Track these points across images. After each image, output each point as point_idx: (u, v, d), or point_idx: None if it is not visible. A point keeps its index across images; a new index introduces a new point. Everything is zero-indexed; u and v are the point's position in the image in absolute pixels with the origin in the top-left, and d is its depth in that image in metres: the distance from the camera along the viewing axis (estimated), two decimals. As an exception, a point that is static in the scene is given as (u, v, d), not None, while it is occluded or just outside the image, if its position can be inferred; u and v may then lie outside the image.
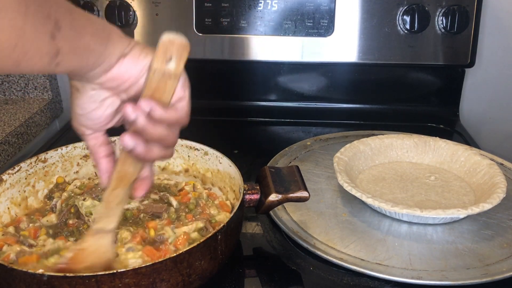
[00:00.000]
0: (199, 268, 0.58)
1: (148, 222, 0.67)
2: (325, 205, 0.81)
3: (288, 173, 0.71)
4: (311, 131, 1.14)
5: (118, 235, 0.64)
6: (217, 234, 0.59)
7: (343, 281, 0.66)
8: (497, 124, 1.28)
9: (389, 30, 1.10)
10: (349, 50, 1.12)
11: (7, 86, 1.23)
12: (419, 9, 1.06)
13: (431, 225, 0.76)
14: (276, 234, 0.75)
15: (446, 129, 1.16)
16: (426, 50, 1.11)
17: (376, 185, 0.85)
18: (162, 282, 0.55)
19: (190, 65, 1.16)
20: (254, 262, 0.71)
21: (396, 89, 1.20)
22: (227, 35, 1.11)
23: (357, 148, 0.90)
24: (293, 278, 0.67)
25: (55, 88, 1.26)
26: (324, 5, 1.09)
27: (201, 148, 0.80)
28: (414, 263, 0.68)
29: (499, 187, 0.76)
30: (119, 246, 0.62)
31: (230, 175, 0.75)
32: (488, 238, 0.73)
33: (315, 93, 1.21)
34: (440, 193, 0.82)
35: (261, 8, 1.09)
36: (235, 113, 1.21)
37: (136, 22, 1.11)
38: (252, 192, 0.69)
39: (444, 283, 0.64)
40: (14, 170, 0.72)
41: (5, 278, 0.54)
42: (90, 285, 0.51)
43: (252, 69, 1.20)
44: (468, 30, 1.09)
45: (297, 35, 1.11)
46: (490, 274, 0.65)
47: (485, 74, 1.22)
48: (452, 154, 0.90)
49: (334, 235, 0.73)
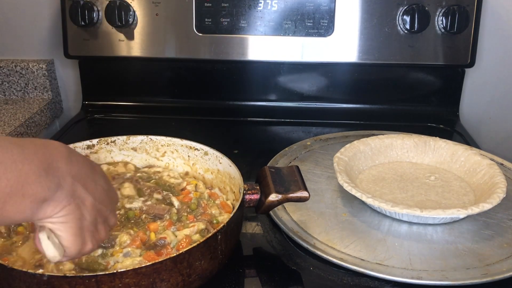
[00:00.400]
0: (199, 268, 0.58)
1: (149, 223, 0.67)
2: (325, 205, 0.81)
3: (288, 173, 0.71)
4: (311, 131, 1.14)
5: (117, 239, 0.63)
6: (217, 234, 0.59)
7: (343, 281, 0.66)
8: (497, 124, 1.28)
9: (389, 30, 1.10)
10: (349, 50, 1.12)
11: (7, 86, 1.23)
12: (419, 9, 1.06)
13: (431, 225, 0.76)
14: (276, 234, 0.75)
15: (446, 129, 1.16)
16: (426, 50, 1.11)
17: (376, 185, 0.85)
18: (162, 282, 0.55)
19: (190, 65, 1.17)
20: (254, 262, 0.71)
21: (396, 89, 1.20)
22: (227, 35, 1.11)
23: (357, 148, 0.90)
24: (293, 278, 0.67)
25: (55, 88, 1.26)
26: (324, 5, 1.09)
27: (201, 148, 0.80)
28: (414, 263, 0.67)
29: (499, 187, 0.76)
30: (117, 250, 0.62)
31: (230, 175, 0.75)
32: (488, 238, 0.73)
33: (315, 93, 1.21)
34: (440, 193, 0.82)
35: (261, 8, 1.09)
36: (235, 113, 1.21)
37: (136, 22, 1.11)
38: (252, 192, 0.69)
39: (444, 283, 0.64)
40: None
41: (5, 278, 0.54)
42: (90, 285, 0.51)
43: (252, 69, 1.20)
44: (468, 30, 1.09)
45: (297, 35, 1.11)
46: (490, 274, 0.65)
47: (485, 74, 1.22)
48: (452, 154, 0.90)
49: (334, 235, 0.73)
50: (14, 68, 1.21)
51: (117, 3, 1.08)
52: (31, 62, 1.22)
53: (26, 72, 1.21)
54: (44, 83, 1.23)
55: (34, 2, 1.20)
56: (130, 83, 1.22)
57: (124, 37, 1.13)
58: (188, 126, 1.14)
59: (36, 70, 1.21)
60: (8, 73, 1.21)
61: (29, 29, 1.22)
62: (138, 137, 0.83)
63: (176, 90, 1.23)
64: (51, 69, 1.24)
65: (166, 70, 1.21)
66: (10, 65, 1.21)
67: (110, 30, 1.12)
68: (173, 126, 1.14)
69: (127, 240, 0.63)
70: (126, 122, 1.20)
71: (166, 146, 0.83)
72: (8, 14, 1.21)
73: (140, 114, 1.21)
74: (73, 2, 1.09)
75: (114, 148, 0.82)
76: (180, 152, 0.82)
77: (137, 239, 0.64)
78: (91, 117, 1.19)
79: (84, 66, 1.20)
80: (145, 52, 1.14)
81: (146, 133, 0.83)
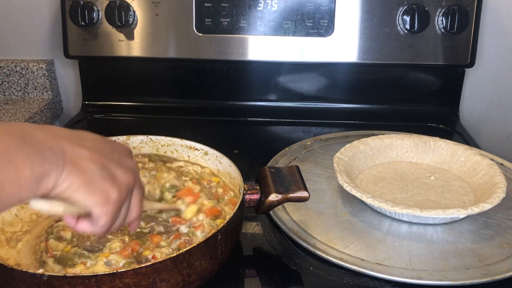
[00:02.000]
0: (199, 268, 0.58)
1: (153, 235, 0.64)
2: (325, 205, 0.81)
3: (288, 173, 0.71)
4: (311, 131, 1.14)
5: (108, 243, 0.62)
6: (217, 234, 0.59)
7: (343, 281, 0.66)
8: (497, 124, 1.28)
9: (389, 30, 1.10)
10: (349, 50, 1.12)
11: (7, 86, 1.23)
12: (419, 9, 1.06)
13: (431, 225, 0.76)
14: (276, 234, 0.75)
15: (446, 129, 1.16)
16: (426, 50, 1.11)
17: (376, 185, 0.85)
18: (162, 282, 0.55)
19: (190, 65, 1.17)
20: (254, 262, 0.71)
21: (396, 89, 1.20)
22: (227, 35, 1.11)
23: (357, 148, 0.90)
24: (293, 278, 0.67)
25: (55, 88, 1.26)
26: (324, 5, 1.09)
27: (201, 148, 0.80)
28: (414, 263, 0.67)
29: (499, 187, 0.76)
30: (103, 254, 0.60)
31: (230, 175, 0.75)
32: (488, 238, 0.73)
33: (315, 93, 1.21)
34: (440, 193, 0.82)
35: (261, 8, 1.09)
36: (235, 113, 1.21)
37: (136, 22, 1.11)
38: (252, 192, 0.69)
39: (444, 283, 0.64)
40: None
41: (5, 278, 0.54)
42: (90, 285, 0.51)
43: (252, 69, 1.20)
44: (468, 30, 1.09)
45: (297, 35, 1.11)
46: (490, 274, 0.65)
47: (485, 74, 1.22)
48: (452, 154, 0.90)
49: (334, 235, 0.73)
50: (14, 68, 1.21)
51: (117, 3, 1.08)
52: (31, 62, 1.22)
53: (26, 72, 1.21)
54: (44, 83, 1.23)
55: (34, 2, 1.20)
56: (130, 83, 1.23)
57: (124, 37, 1.13)
58: (188, 126, 1.14)
59: (36, 70, 1.21)
60: (8, 73, 1.21)
61: (29, 29, 1.22)
62: (138, 137, 0.83)
63: (176, 90, 1.23)
64: (51, 69, 1.24)
65: (166, 70, 1.21)
66: (10, 65, 1.21)
67: (110, 30, 1.12)
68: (173, 126, 1.14)
69: (116, 248, 0.61)
70: (126, 122, 1.20)
71: (166, 146, 0.83)
72: (8, 14, 1.21)
73: (140, 114, 1.21)
74: (73, 2, 1.09)
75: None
76: (180, 152, 0.82)
77: (128, 248, 0.61)
78: (91, 117, 1.19)
79: (84, 66, 1.20)
80: (145, 52, 1.14)
81: (146, 133, 0.83)
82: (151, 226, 0.66)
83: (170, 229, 0.66)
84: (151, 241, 0.63)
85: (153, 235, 0.64)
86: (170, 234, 0.65)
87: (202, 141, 0.81)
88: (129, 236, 0.64)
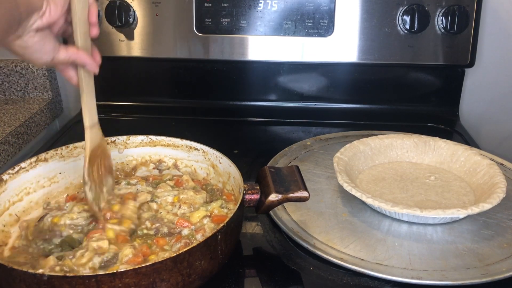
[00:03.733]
0: (199, 268, 0.58)
1: (158, 238, 0.64)
2: (325, 205, 0.81)
3: (288, 173, 0.71)
4: (311, 131, 1.14)
5: (120, 253, 0.61)
6: (217, 234, 0.59)
7: (343, 281, 0.66)
8: (497, 124, 1.28)
9: (389, 30, 1.10)
10: (349, 50, 1.12)
11: (7, 86, 1.23)
12: (419, 9, 1.06)
13: (431, 225, 0.76)
14: (276, 234, 0.75)
15: (446, 129, 1.16)
16: (426, 50, 1.11)
17: (376, 185, 0.85)
18: (162, 282, 0.55)
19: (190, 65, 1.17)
20: (254, 262, 0.71)
21: (396, 89, 1.20)
22: (227, 35, 1.12)
23: (357, 148, 0.90)
24: (293, 278, 0.67)
25: (55, 88, 1.26)
26: (324, 5, 1.09)
27: (201, 148, 0.80)
28: (414, 263, 0.68)
29: (499, 187, 0.76)
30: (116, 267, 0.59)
31: (230, 175, 0.75)
32: (488, 238, 0.73)
33: (315, 93, 1.21)
34: (440, 193, 0.82)
35: (261, 8, 1.09)
36: (235, 113, 1.21)
37: (136, 22, 1.11)
38: (252, 192, 0.69)
39: (444, 283, 0.64)
40: (14, 170, 0.72)
41: (5, 278, 0.54)
42: (90, 285, 0.51)
43: (252, 69, 1.20)
44: (468, 30, 1.09)
45: (297, 35, 1.11)
46: (490, 274, 0.65)
47: (485, 74, 1.22)
48: (452, 154, 0.90)
49: (334, 235, 0.73)
50: (14, 68, 1.21)
51: (117, 3, 1.08)
52: (31, 62, 1.22)
53: (26, 72, 1.21)
54: (44, 83, 1.23)
55: (34, 2, 1.20)
56: (130, 83, 1.23)
57: (124, 37, 1.13)
58: (188, 126, 1.14)
59: (36, 70, 1.21)
60: (8, 73, 1.21)
61: (29, 29, 1.22)
62: (138, 137, 0.83)
63: (176, 90, 1.23)
64: (51, 69, 1.24)
65: (166, 70, 1.21)
66: (10, 65, 1.21)
67: (110, 30, 1.12)
68: (173, 126, 1.14)
69: (129, 255, 0.61)
70: (126, 122, 1.20)
71: (166, 146, 0.83)
72: (8, 14, 1.21)
73: (140, 114, 1.21)
74: None
75: (114, 148, 0.82)
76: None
77: (139, 255, 0.61)
78: (91, 117, 1.19)
79: (84, 66, 1.20)
80: (145, 52, 1.14)
81: (146, 133, 0.83)
82: (156, 228, 0.67)
83: (174, 231, 0.67)
84: (157, 244, 0.64)
85: (158, 237, 0.65)
86: (173, 237, 0.65)
87: (202, 141, 0.81)
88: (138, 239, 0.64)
